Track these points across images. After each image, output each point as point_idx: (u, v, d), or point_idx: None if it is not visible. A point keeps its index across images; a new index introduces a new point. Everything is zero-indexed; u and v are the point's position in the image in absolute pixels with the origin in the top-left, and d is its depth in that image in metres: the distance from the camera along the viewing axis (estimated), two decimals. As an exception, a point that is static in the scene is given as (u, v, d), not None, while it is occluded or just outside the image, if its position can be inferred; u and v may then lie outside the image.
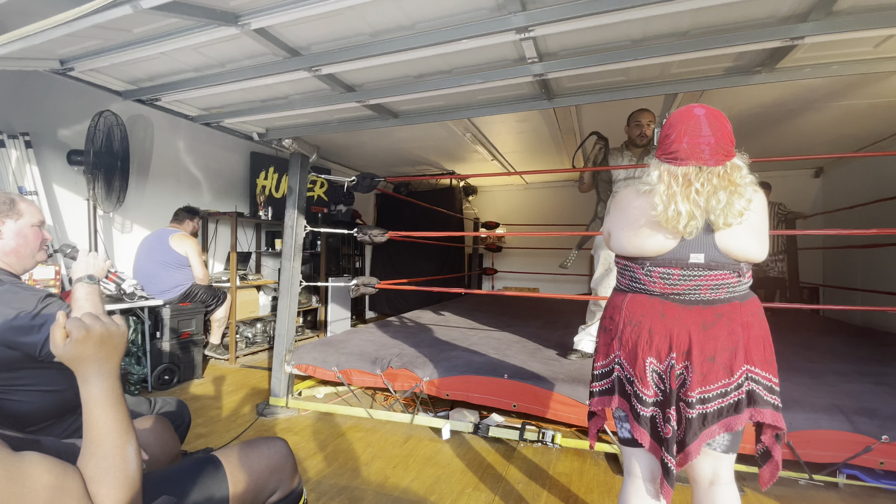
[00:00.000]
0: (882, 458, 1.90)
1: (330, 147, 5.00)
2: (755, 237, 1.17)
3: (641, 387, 1.20)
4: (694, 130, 1.15)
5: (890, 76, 2.96)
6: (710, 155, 1.14)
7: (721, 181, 1.14)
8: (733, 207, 1.12)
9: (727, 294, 1.18)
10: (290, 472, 1.24)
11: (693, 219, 1.13)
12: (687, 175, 1.15)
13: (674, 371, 1.17)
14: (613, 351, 1.28)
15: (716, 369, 1.15)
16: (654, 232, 1.19)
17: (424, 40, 2.01)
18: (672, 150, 1.18)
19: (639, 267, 1.24)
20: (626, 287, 1.29)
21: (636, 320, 1.22)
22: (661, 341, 1.18)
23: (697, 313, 1.17)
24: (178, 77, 2.57)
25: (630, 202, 1.26)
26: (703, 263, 1.16)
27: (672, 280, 1.19)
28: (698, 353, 1.15)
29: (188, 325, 3.62)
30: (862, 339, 3.72)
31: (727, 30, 2.01)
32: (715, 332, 1.16)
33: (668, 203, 1.15)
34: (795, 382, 2.37)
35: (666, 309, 1.19)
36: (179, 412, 1.73)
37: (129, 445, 0.82)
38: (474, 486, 2.06)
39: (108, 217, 3.66)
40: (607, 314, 1.33)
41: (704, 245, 1.16)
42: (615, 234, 1.29)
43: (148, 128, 3.89)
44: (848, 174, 5.45)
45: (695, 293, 1.18)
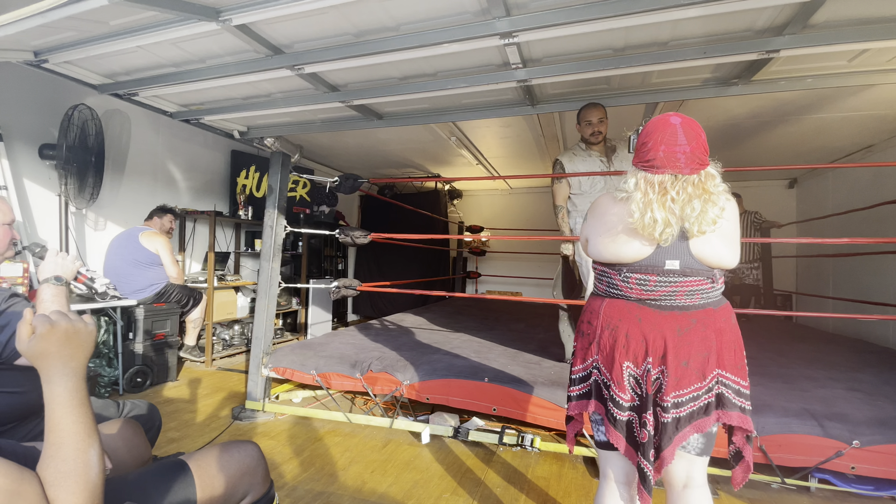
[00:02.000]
0: (853, 462, 1.94)
1: (313, 147, 4.96)
2: (727, 244, 1.19)
3: (618, 391, 1.21)
4: (670, 139, 1.16)
5: (862, 90, 3.07)
6: (685, 163, 1.16)
7: (696, 189, 1.16)
8: (707, 215, 1.14)
9: (701, 300, 1.21)
10: (262, 476, 1.21)
11: (668, 226, 1.14)
12: (663, 183, 1.17)
13: (650, 375, 1.18)
14: (591, 355, 1.28)
15: (689, 374, 1.17)
16: (630, 238, 1.20)
17: (409, 42, 2.01)
18: (649, 159, 1.19)
19: (616, 273, 1.24)
20: (604, 292, 1.30)
21: (613, 325, 1.23)
22: (637, 346, 1.19)
23: (673, 319, 1.19)
24: (156, 72, 2.52)
25: (607, 209, 1.27)
26: (679, 270, 1.18)
27: (649, 286, 1.20)
28: (673, 357, 1.17)
29: (162, 327, 3.53)
30: (833, 345, 3.83)
31: (705, 42, 2.06)
32: (689, 338, 1.18)
33: (644, 210, 1.16)
34: (768, 387, 2.42)
35: (642, 314, 1.20)
36: (150, 415, 1.68)
37: (91, 449, 0.79)
38: (453, 490, 2.04)
39: (80, 214, 3.55)
40: (585, 318, 1.33)
41: (679, 252, 1.18)
42: (593, 240, 1.29)
43: (125, 123, 3.79)
44: (821, 185, 5.62)
45: (670, 299, 1.20)
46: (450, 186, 7.31)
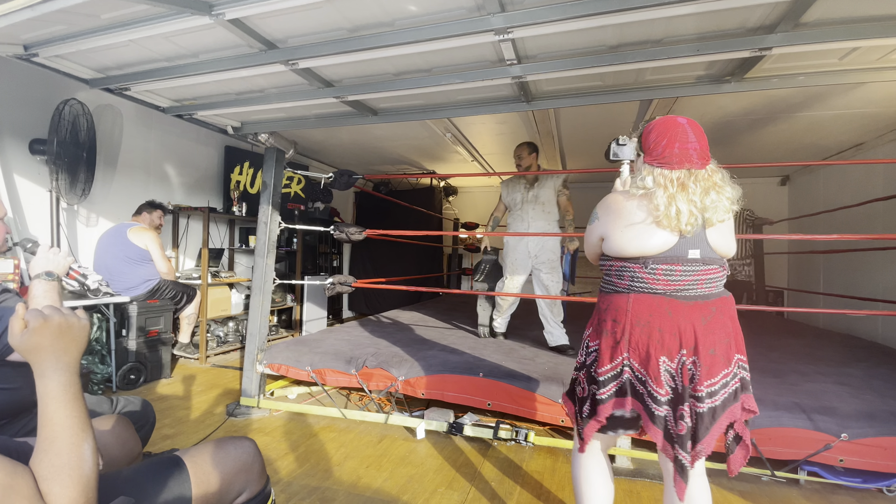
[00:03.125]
0: (842, 455, 1.98)
1: (308, 143, 4.94)
2: (732, 233, 1.32)
3: (656, 386, 1.22)
4: (682, 137, 1.25)
5: (853, 88, 3.10)
6: (697, 159, 1.25)
7: (707, 182, 1.25)
8: (722, 205, 1.24)
9: (717, 289, 1.28)
10: (258, 472, 1.21)
11: (693, 216, 1.22)
12: (681, 178, 1.24)
13: (685, 368, 1.21)
14: (621, 353, 1.27)
15: (717, 361, 1.21)
16: (655, 230, 1.25)
17: (403, 37, 2.00)
18: (665, 156, 1.26)
19: (640, 266, 1.26)
20: (626, 288, 1.30)
21: (644, 320, 1.24)
22: (671, 339, 1.22)
23: (697, 308, 1.23)
24: (148, 66, 2.49)
25: (623, 205, 1.31)
26: (700, 259, 1.24)
27: (675, 276, 1.24)
28: (703, 347, 1.20)
29: (156, 323, 3.51)
30: (823, 340, 3.88)
31: (699, 39, 2.07)
32: (712, 326, 1.22)
33: (668, 203, 1.22)
34: (759, 382, 2.45)
35: (672, 307, 1.23)
36: (143, 412, 1.67)
37: (85, 443, 0.79)
38: (448, 484, 2.06)
39: (72, 210, 3.52)
40: (609, 317, 1.31)
41: (699, 241, 1.24)
42: (614, 236, 1.31)
43: (116, 118, 3.76)
44: (812, 183, 5.68)
45: (694, 288, 1.25)
46: (445, 183, 7.30)
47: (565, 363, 2.78)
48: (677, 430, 1.20)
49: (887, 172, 4.19)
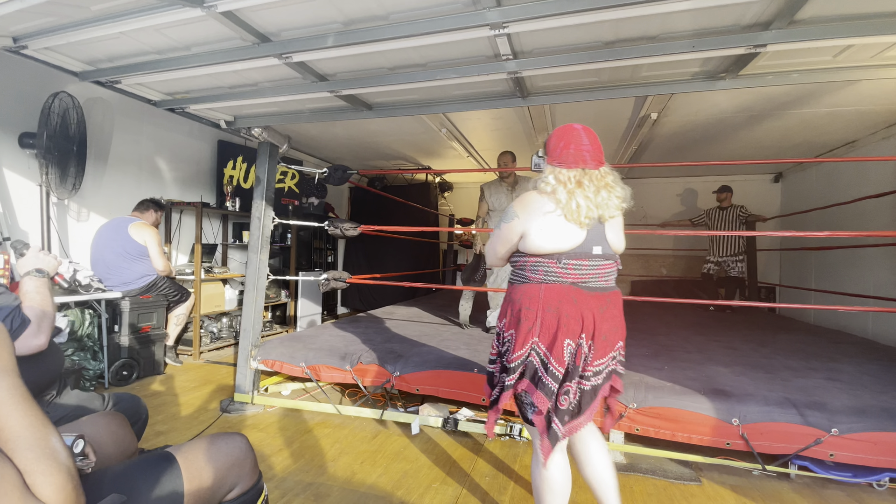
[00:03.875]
0: (832, 450, 2.00)
1: (302, 138, 4.90)
2: (621, 230, 1.48)
3: (557, 365, 1.35)
4: (577, 140, 1.41)
5: (846, 86, 3.11)
6: (590, 160, 1.41)
7: (600, 181, 1.40)
8: (612, 202, 1.39)
9: (611, 283, 1.46)
10: (250, 468, 1.21)
11: (590, 210, 1.36)
12: (577, 176, 1.39)
13: (581, 349, 1.36)
14: (532, 337, 1.39)
15: (605, 346, 1.38)
16: (567, 230, 1.38)
17: (398, 31, 1.99)
18: (563, 157, 1.42)
19: (554, 262, 1.39)
20: (540, 280, 1.42)
21: (554, 306, 1.37)
22: (574, 324, 1.35)
23: (597, 298, 1.39)
24: (139, 59, 2.46)
25: (538, 202, 1.41)
26: (602, 255, 1.41)
27: (582, 269, 1.39)
28: (598, 332, 1.36)
29: (149, 319, 3.49)
30: (815, 336, 3.91)
31: (694, 36, 2.07)
32: (607, 315, 1.39)
33: (569, 198, 1.37)
34: (750, 377, 2.47)
35: (577, 295, 1.37)
36: (135, 408, 1.66)
37: (52, 436, 0.80)
38: (442, 480, 2.06)
39: (62, 204, 3.48)
40: (522, 305, 1.41)
41: (600, 239, 1.40)
42: (532, 234, 1.40)
43: (107, 111, 3.71)
44: (805, 180, 5.71)
45: (595, 280, 1.41)
46: (440, 179, 7.28)
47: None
48: (559, 403, 1.35)
49: (879, 170, 4.22)
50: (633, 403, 2.22)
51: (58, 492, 0.77)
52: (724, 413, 2.11)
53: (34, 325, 1.33)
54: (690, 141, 4.66)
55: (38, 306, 1.36)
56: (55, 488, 0.76)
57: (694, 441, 2.13)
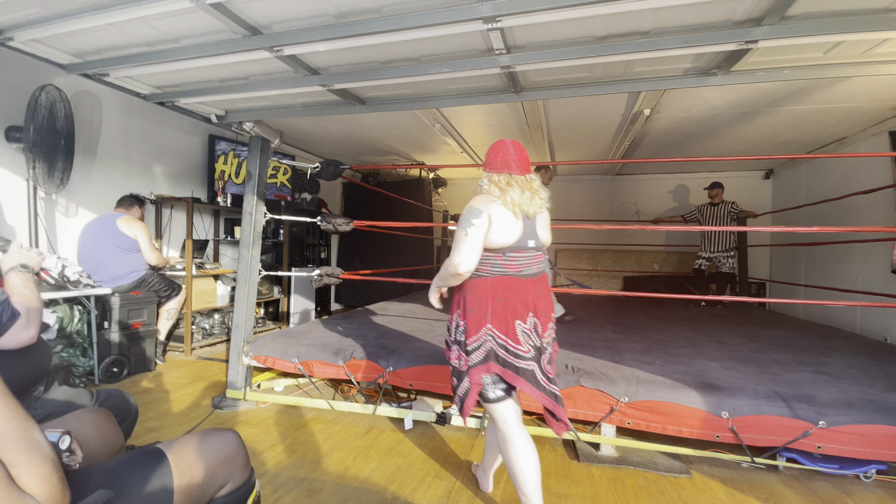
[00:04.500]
0: (819, 442, 2.02)
1: (294, 133, 4.87)
2: (548, 225, 1.77)
3: (516, 345, 1.59)
4: (505, 151, 1.70)
5: (837, 83, 3.14)
6: (515, 167, 1.67)
7: (525, 185, 1.67)
8: (535, 202, 1.67)
9: (541, 269, 1.73)
10: (242, 464, 1.20)
11: (520, 206, 1.63)
12: (505, 179, 1.67)
13: (537, 326, 1.63)
14: (484, 325, 1.60)
15: (545, 319, 1.68)
16: (511, 227, 1.62)
17: (391, 25, 1.97)
18: (493, 165, 1.70)
19: (500, 255, 1.64)
20: (487, 273, 1.66)
21: (502, 295, 1.62)
22: (521, 307, 1.61)
23: (533, 283, 1.67)
24: (127, 51, 2.42)
25: (494, 208, 1.62)
26: (534, 247, 1.68)
27: (521, 261, 1.65)
28: (539, 309, 1.65)
29: (139, 315, 3.46)
30: (803, 331, 3.96)
31: (686, 31, 2.07)
32: (541, 294, 1.68)
33: (502, 193, 1.64)
34: (740, 371, 2.50)
35: (518, 283, 1.64)
36: (125, 405, 1.65)
37: (34, 430, 0.80)
38: (435, 474, 2.07)
39: (50, 199, 3.43)
40: (474, 297, 1.65)
41: (533, 234, 1.67)
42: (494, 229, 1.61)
43: (95, 105, 3.66)
44: (796, 177, 5.77)
45: (530, 268, 1.67)
46: (434, 175, 7.27)
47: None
48: (549, 372, 1.64)
49: (868, 166, 4.27)
50: (625, 397, 2.23)
51: (43, 482, 0.77)
52: (714, 406, 2.13)
53: (24, 318, 1.31)
54: (683, 137, 4.69)
55: (25, 301, 1.35)
56: (40, 479, 0.76)
57: (684, 434, 2.15)
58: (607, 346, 3.07)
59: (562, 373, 2.42)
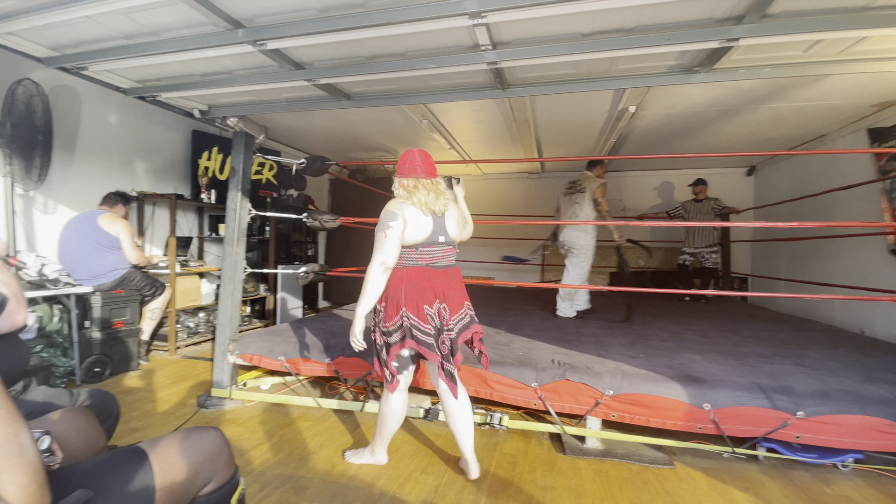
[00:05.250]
0: (798, 432, 2.08)
1: (279, 129, 4.81)
2: (458, 226, 2.03)
3: (424, 325, 1.86)
4: (412, 159, 1.94)
5: (816, 81, 3.20)
6: (421, 172, 1.92)
7: (432, 187, 1.93)
8: (440, 201, 1.93)
9: (453, 262, 2.01)
10: (225, 461, 1.19)
11: (427, 205, 1.89)
12: (412, 182, 1.92)
13: (441, 311, 1.89)
14: (400, 308, 1.86)
15: (456, 305, 1.94)
16: (422, 225, 1.88)
17: (375, 19, 1.96)
18: (402, 171, 1.94)
19: (413, 250, 1.90)
20: (403, 265, 1.91)
21: (414, 283, 1.87)
22: (430, 294, 1.88)
23: (443, 273, 1.94)
24: (106, 44, 2.37)
25: (406, 209, 1.87)
26: (444, 242, 1.95)
27: (433, 254, 1.92)
28: (448, 297, 1.91)
29: (121, 314, 3.40)
30: (783, 324, 4.05)
31: (669, 28, 2.09)
32: (451, 284, 1.95)
33: (410, 195, 1.90)
34: (722, 364, 2.55)
35: (429, 273, 1.90)
36: (106, 405, 1.62)
37: (21, 432, 0.77)
38: (422, 469, 2.08)
39: (28, 196, 3.34)
40: (391, 285, 1.89)
41: (442, 231, 1.94)
42: (409, 229, 1.86)
43: (74, 100, 3.57)
44: (776, 173, 5.87)
45: (441, 261, 1.94)
46: (422, 171, 7.24)
47: (538, 348, 2.82)
48: (441, 350, 1.87)
49: (846, 163, 4.36)
50: (610, 391, 2.26)
51: (20, 490, 0.75)
52: (697, 398, 2.17)
53: (13, 302, 1.29)
54: (667, 134, 4.74)
55: (6, 286, 1.31)
56: (18, 487, 0.74)
57: (668, 426, 2.19)
58: (593, 340, 3.10)
59: (548, 367, 2.44)
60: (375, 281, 1.83)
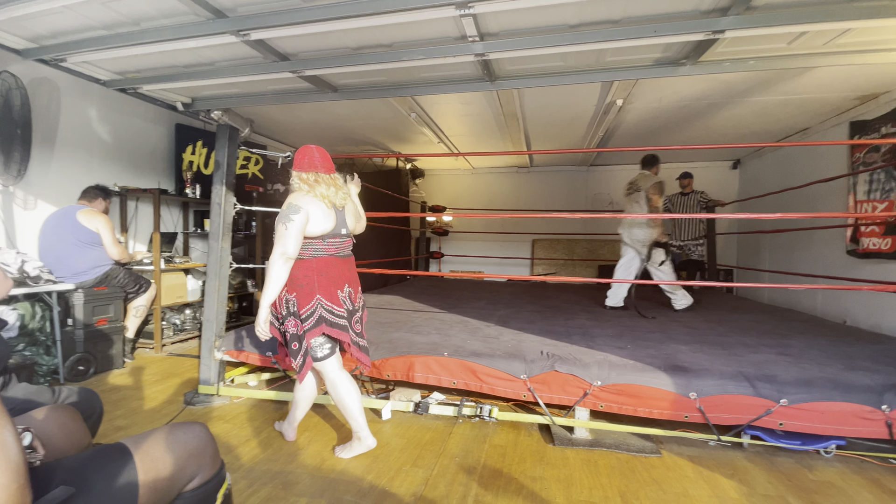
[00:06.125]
0: (781, 419, 2.11)
1: (265, 122, 4.75)
2: (353, 215, 2.19)
3: (338, 308, 2.02)
4: (310, 154, 2.03)
5: (800, 74, 3.24)
6: (320, 166, 2.02)
7: (330, 182, 2.03)
8: (339, 195, 2.05)
9: (351, 252, 2.18)
10: (211, 457, 1.18)
11: (328, 198, 1.99)
12: (312, 176, 2.01)
13: (351, 295, 2.10)
14: (314, 296, 1.98)
15: (357, 290, 2.17)
16: (327, 217, 1.99)
17: (361, 9, 1.93)
18: (301, 165, 2.02)
19: (320, 241, 2.02)
20: (310, 255, 2.02)
21: (324, 271, 2.01)
22: (339, 280, 2.05)
23: (346, 262, 2.12)
24: (85, 35, 2.31)
25: (309, 202, 1.96)
26: (346, 234, 2.11)
27: (336, 245, 2.07)
28: (351, 282, 2.12)
29: (105, 312, 3.34)
30: (768, 314, 4.12)
31: (655, 20, 2.10)
32: (352, 272, 2.16)
33: (311, 188, 1.99)
34: (707, 354, 2.58)
35: (335, 262, 2.06)
36: (89, 402, 1.59)
37: (4, 430, 0.75)
38: (412, 462, 2.08)
39: (7, 191, 3.25)
40: (301, 275, 1.99)
41: (344, 223, 2.09)
42: (313, 220, 1.96)
43: (53, 92, 3.48)
44: (761, 166, 5.96)
45: (343, 251, 2.10)
46: (412, 166, 7.22)
47: (528, 340, 2.84)
48: (355, 329, 2.10)
49: (828, 156, 4.44)
50: (598, 381, 2.28)
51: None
52: (683, 388, 2.20)
53: None
54: (654, 128, 4.78)
55: None
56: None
57: (655, 415, 2.22)
58: (581, 332, 3.12)
59: (536, 359, 2.45)
60: (278, 272, 1.90)
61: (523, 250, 7.46)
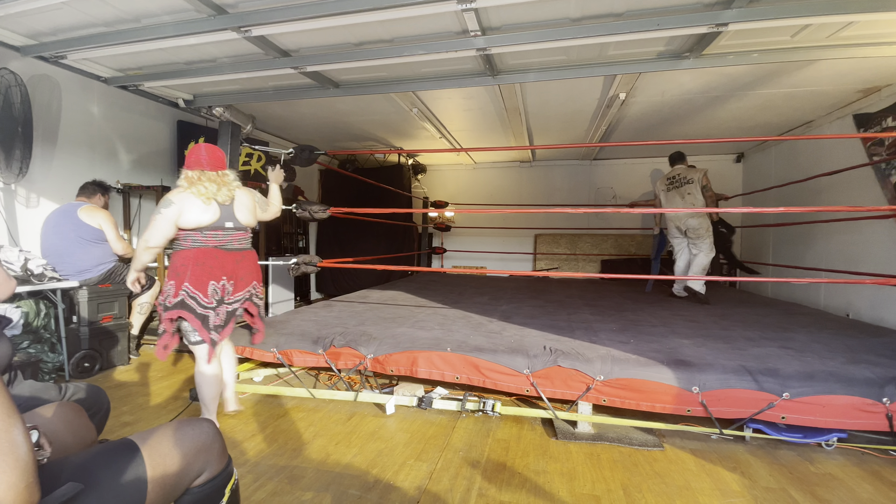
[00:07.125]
0: (783, 413, 2.12)
1: (267, 118, 4.75)
2: (247, 213, 2.26)
3: (204, 297, 2.11)
4: (198, 153, 2.14)
5: (804, 67, 3.21)
6: (206, 164, 2.13)
7: (217, 179, 2.15)
8: (223, 192, 2.15)
9: (245, 245, 2.27)
10: (218, 452, 1.19)
11: (210, 194, 2.10)
12: (197, 174, 2.12)
13: (225, 287, 2.16)
14: (183, 283, 2.09)
15: (242, 284, 2.23)
16: (205, 210, 2.10)
17: (362, 4, 1.93)
18: (188, 163, 2.13)
19: (199, 233, 2.12)
20: (189, 246, 2.14)
21: (201, 262, 2.11)
22: (217, 272, 2.13)
23: (233, 255, 2.19)
24: (85, 32, 2.31)
25: (184, 197, 2.08)
26: (233, 227, 2.19)
27: (219, 238, 2.16)
28: (236, 276, 2.19)
29: (110, 309, 3.36)
30: (771, 308, 4.11)
31: (658, 13, 2.08)
32: (242, 265, 2.23)
33: (191, 185, 2.10)
34: (710, 348, 2.59)
35: (217, 254, 2.14)
36: (95, 398, 1.60)
37: (14, 428, 0.75)
38: (416, 456, 2.09)
39: (9, 190, 3.27)
40: (178, 264, 2.12)
41: (231, 217, 2.18)
42: (186, 213, 2.07)
43: (54, 90, 3.47)
44: (764, 160, 5.92)
45: (232, 244, 2.19)
46: (414, 161, 7.21)
47: (531, 336, 2.84)
48: (216, 321, 2.15)
49: (832, 149, 4.41)
50: (601, 376, 2.29)
51: (7, 489, 0.74)
52: (685, 382, 2.20)
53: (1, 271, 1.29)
54: (657, 122, 4.75)
55: None
56: (5, 486, 0.72)
57: (657, 409, 2.22)
58: (584, 326, 3.13)
59: (539, 354, 2.46)
60: (139, 257, 2.17)
61: (526, 246, 7.45)
